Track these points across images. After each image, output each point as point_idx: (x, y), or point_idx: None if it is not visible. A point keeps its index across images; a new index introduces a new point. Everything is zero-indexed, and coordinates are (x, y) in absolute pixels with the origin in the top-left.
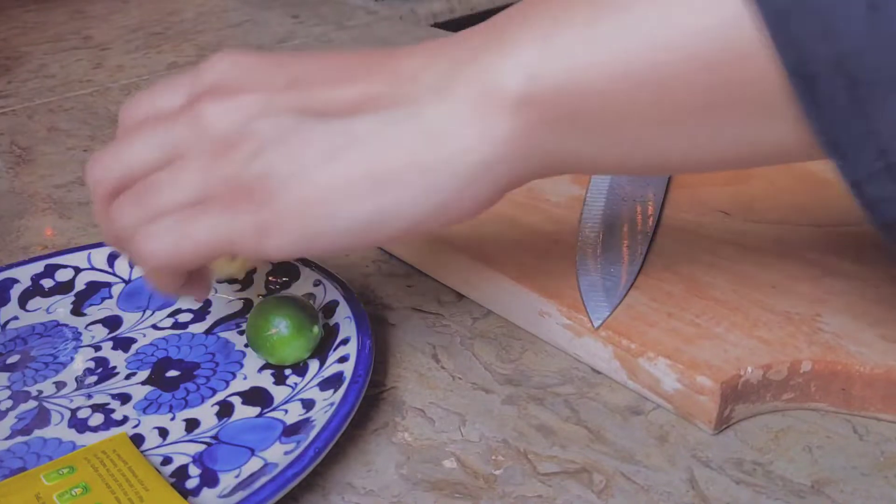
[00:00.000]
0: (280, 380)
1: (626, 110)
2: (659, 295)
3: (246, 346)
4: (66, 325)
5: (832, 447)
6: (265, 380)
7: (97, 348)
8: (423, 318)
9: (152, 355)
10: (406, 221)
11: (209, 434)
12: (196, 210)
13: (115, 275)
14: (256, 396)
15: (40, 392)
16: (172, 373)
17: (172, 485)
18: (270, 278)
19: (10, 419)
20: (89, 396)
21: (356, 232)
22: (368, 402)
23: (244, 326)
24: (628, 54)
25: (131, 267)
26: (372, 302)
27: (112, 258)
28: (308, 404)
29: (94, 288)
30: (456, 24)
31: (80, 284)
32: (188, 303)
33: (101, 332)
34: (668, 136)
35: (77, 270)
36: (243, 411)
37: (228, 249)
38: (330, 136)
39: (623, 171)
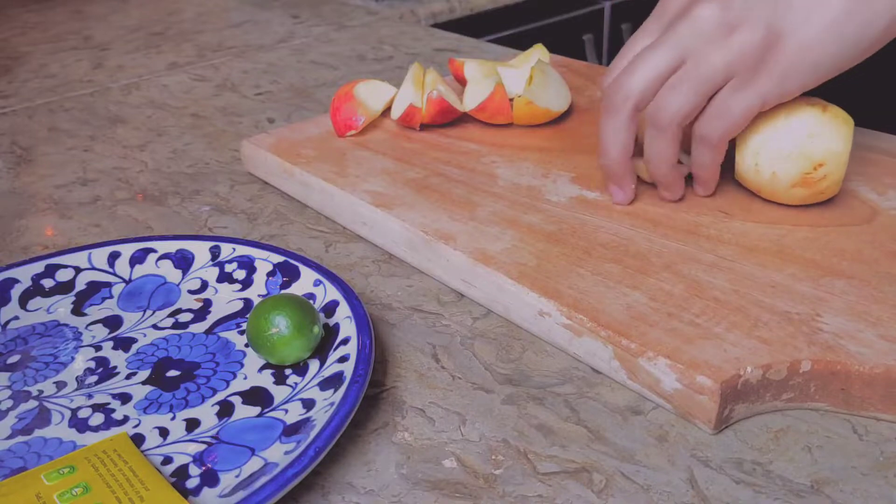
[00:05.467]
0: (280, 380)
1: None
2: (659, 295)
3: (246, 345)
4: (67, 325)
5: (832, 447)
6: (265, 380)
7: (98, 348)
8: (423, 318)
9: (153, 355)
10: (879, 30)
11: (209, 434)
12: (730, 89)
13: (115, 274)
14: (257, 396)
15: (41, 392)
16: (173, 373)
17: (173, 484)
18: (270, 278)
19: (11, 419)
20: (90, 396)
21: (847, 54)
22: (368, 402)
23: (244, 326)
24: None
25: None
26: (372, 302)
27: (112, 258)
28: (308, 404)
29: (94, 288)
30: (456, 25)
31: (80, 284)
32: (189, 302)
33: (101, 331)
34: None
35: (77, 270)
36: (243, 411)
37: (758, 110)
38: None
39: None
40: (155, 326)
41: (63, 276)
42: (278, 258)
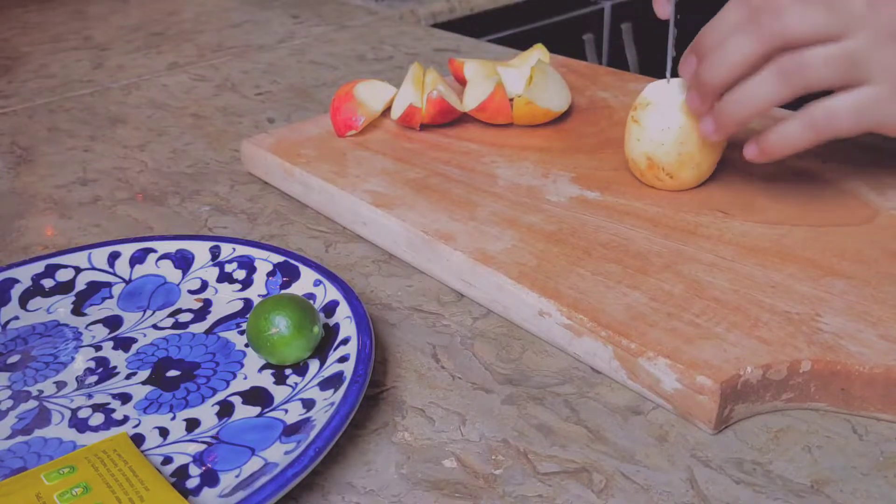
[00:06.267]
0: (280, 380)
1: None
2: (659, 295)
3: (246, 346)
4: (67, 325)
5: (832, 447)
6: (265, 379)
7: (98, 348)
8: (423, 318)
9: (153, 355)
10: None
11: (209, 434)
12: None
13: (115, 275)
14: (257, 396)
15: (41, 392)
16: (173, 373)
17: (173, 484)
18: (270, 278)
19: (11, 419)
20: (90, 396)
21: None
22: (368, 402)
23: (244, 326)
24: None
25: (131, 266)
26: (372, 302)
27: (112, 258)
28: (308, 404)
29: (94, 288)
30: (456, 25)
31: (80, 284)
32: (189, 302)
33: (101, 331)
34: None
35: (77, 270)
36: (243, 411)
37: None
38: None
39: None
40: (155, 326)
41: (63, 276)
42: (278, 258)
